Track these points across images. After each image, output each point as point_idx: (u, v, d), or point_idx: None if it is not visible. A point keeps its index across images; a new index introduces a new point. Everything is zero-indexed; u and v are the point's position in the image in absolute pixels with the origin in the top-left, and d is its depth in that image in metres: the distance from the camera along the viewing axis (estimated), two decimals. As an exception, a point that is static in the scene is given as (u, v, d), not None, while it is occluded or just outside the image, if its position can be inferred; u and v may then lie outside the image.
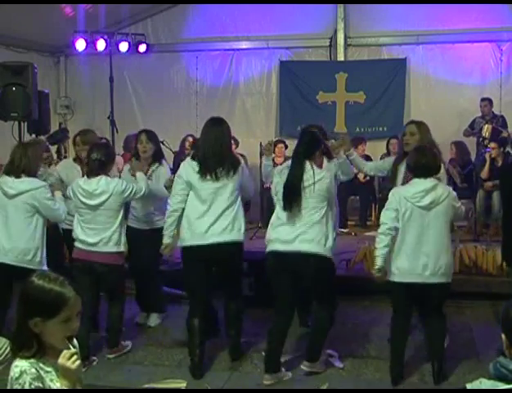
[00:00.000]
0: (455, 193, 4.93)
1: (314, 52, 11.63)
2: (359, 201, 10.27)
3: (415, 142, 5.50)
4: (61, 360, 2.29)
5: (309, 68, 11.50)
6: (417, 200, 4.73)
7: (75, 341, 2.51)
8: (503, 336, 2.36)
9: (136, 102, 12.09)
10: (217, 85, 11.86)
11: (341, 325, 5.98)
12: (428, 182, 4.78)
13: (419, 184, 4.79)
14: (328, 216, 4.86)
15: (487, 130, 9.60)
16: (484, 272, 7.00)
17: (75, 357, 2.30)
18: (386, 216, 4.81)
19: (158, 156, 6.13)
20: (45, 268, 5.13)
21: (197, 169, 5.03)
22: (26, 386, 2.27)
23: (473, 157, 9.83)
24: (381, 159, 9.44)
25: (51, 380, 2.33)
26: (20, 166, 5.22)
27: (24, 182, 5.21)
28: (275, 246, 4.89)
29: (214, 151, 5.02)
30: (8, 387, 2.33)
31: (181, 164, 5.22)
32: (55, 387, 2.32)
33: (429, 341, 5.03)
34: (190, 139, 9.70)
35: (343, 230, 8.91)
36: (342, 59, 11.37)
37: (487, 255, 7.04)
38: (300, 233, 4.79)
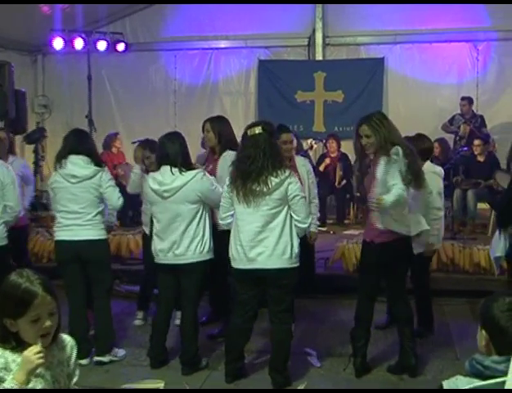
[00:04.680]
0: None
1: (292, 52, 11.66)
2: (336, 200, 10.27)
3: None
4: (27, 352, 2.33)
5: (288, 67, 11.52)
6: None
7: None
8: (483, 331, 2.35)
9: (115, 101, 12.04)
10: (195, 84, 11.84)
11: (319, 323, 6.00)
12: None
13: None
14: None
15: (464, 129, 9.68)
16: (461, 270, 7.06)
17: (41, 354, 2.34)
18: None
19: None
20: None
21: None
22: None
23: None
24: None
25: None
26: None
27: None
28: None
29: None
30: None
31: None
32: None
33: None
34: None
35: (321, 228, 8.87)
36: (320, 58, 11.42)
37: (464, 253, 7.10)
38: None
